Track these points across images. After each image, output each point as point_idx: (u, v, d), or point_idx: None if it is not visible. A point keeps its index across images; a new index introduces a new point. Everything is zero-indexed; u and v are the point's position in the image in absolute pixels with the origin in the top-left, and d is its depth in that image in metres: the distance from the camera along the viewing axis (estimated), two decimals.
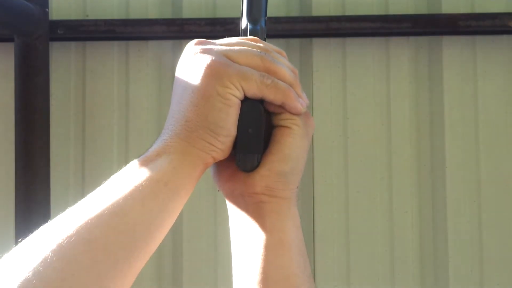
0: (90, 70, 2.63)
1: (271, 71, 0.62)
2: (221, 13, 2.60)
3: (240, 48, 0.63)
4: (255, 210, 0.64)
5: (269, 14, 2.71)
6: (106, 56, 2.63)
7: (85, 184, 2.59)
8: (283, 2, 2.62)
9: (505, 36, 2.57)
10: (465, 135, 2.55)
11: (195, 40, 0.65)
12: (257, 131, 0.63)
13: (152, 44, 2.63)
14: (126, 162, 2.43)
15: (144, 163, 0.62)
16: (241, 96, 0.61)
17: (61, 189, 2.58)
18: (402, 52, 2.59)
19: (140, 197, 0.56)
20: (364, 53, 2.59)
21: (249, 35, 0.69)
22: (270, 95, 0.62)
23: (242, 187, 0.64)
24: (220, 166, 0.66)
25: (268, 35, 2.65)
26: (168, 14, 2.64)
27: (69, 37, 2.60)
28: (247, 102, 0.61)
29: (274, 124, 0.64)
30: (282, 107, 0.63)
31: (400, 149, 2.56)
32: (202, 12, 2.61)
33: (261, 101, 0.63)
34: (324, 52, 2.60)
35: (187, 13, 2.62)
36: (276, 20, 2.53)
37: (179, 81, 0.63)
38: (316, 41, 2.60)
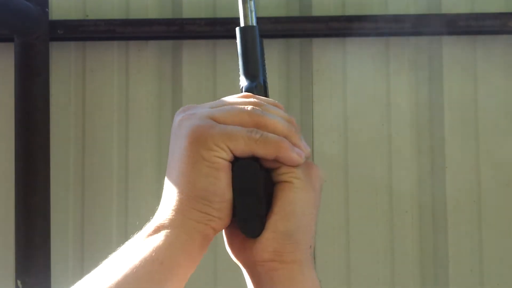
0: (90, 70, 2.63)
1: (260, 124, 0.58)
2: (221, 13, 2.60)
3: (226, 107, 0.59)
4: (268, 280, 0.59)
5: (269, 14, 2.72)
6: (106, 56, 2.63)
7: (85, 183, 2.59)
8: (283, 2, 2.62)
9: (505, 36, 2.57)
10: (465, 135, 2.55)
11: (181, 108, 0.62)
12: (254, 191, 0.58)
13: (152, 44, 2.63)
14: (126, 162, 2.45)
15: (141, 240, 0.58)
16: (229, 157, 0.57)
17: (61, 189, 2.58)
18: (402, 52, 2.59)
19: (135, 280, 0.54)
20: (364, 53, 2.59)
21: (244, 92, 0.67)
22: (261, 150, 0.57)
23: (254, 255, 0.59)
24: (231, 234, 0.63)
25: (268, 35, 2.66)
26: (168, 14, 2.64)
27: (69, 37, 2.60)
28: (238, 162, 0.57)
29: (274, 181, 0.60)
30: (278, 161, 0.59)
31: (400, 149, 2.55)
32: (202, 12, 2.61)
33: (255, 159, 0.58)
34: (324, 52, 2.60)
35: (187, 13, 2.62)
36: (276, 20, 2.53)
37: (169, 153, 0.61)
38: (316, 41, 2.60)
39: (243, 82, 0.67)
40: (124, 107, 2.61)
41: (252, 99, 0.61)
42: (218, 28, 2.53)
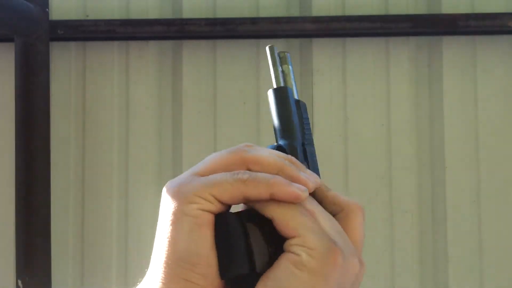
0: (90, 70, 2.64)
1: (249, 161, 0.51)
2: (221, 13, 2.60)
3: (210, 157, 0.53)
4: None
5: (269, 14, 2.71)
6: (106, 56, 2.64)
7: (85, 184, 2.59)
8: (283, 2, 2.62)
9: (505, 36, 2.57)
10: (465, 135, 2.55)
11: None
12: (233, 245, 0.48)
13: (152, 44, 2.63)
14: (126, 162, 2.45)
15: None
16: (216, 208, 0.49)
17: (62, 189, 2.58)
18: (402, 52, 2.59)
19: None
20: (364, 53, 2.60)
21: None
22: (252, 190, 0.49)
23: None
24: None
25: (268, 35, 2.66)
26: (168, 14, 2.64)
27: (69, 37, 2.60)
28: (220, 214, 0.49)
29: (284, 249, 0.49)
30: (274, 199, 0.49)
31: (400, 149, 2.56)
32: (202, 12, 2.62)
33: (252, 213, 0.50)
34: (324, 52, 2.60)
35: (187, 13, 2.62)
36: (276, 20, 2.53)
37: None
38: (316, 41, 2.60)
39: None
40: (124, 107, 2.62)
41: (241, 156, 0.52)
42: (218, 28, 2.53)
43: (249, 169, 0.51)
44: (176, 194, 0.50)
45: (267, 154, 0.51)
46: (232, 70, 2.59)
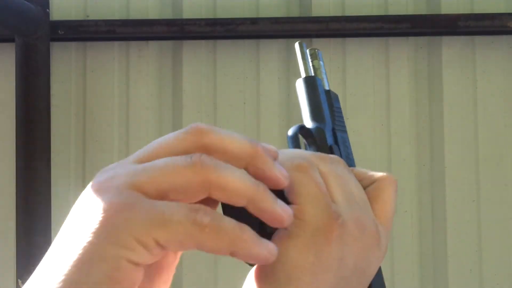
0: (90, 71, 2.64)
1: (212, 148, 0.36)
2: (221, 14, 2.61)
3: (158, 163, 0.36)
4: None
5: (269, 14, 2.72)
6: (107, 57, 2.64)
7: (85, 184, 2.58)
8: (283, 2, 2.62)
9: (504, 37, 2.58)
10: (464, 135, 2.55)
11: (102, 169, 0.40)
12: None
13: (153, 44, 2.63)
14: None
15: None
16: (151, 259, 0.34)
17: (62, 189, 2.58)
18: (402, 52, 2.59)
19: None
20: (363, 53, 2.60)
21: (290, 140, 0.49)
22: (209, 242, 0.35)
23: None
24: None
25: (268, 36, 2.66)
26: (168, 14, 2.64)
27: (69, 37, 2.61)
28: None
29: None
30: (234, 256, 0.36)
31: (400, 149, 2.56)
32: (202, 12, 2.62)
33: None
34: (324, 52, 2.60)
35: (187, 14, 2.62)
36: (276, 20, 2.53)
37: (63, 229, 0.39)
38: (316, 41, 2.60)
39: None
40: (124, 107, 2.62)
41: (200, 138, 0.37)
42: (218, 29, 2.54)
43: (208, 154, 0.36)
44: (105, 220, 0.34)
45: (232, 138, 0.37)
46: (232, 70, 2.59)
